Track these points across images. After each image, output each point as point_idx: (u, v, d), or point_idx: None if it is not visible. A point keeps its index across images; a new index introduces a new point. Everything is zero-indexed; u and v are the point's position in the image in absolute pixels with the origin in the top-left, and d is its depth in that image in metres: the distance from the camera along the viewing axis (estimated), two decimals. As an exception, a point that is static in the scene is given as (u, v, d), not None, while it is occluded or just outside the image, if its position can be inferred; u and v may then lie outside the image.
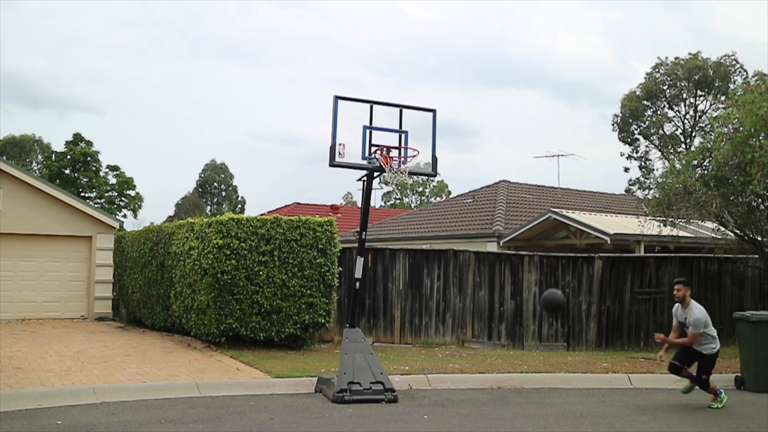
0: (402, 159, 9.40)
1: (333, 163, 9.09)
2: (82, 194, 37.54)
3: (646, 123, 42.82)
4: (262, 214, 16.15)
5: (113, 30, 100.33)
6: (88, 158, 38.77)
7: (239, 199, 76.63)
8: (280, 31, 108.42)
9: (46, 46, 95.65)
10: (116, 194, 41.14)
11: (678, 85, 41.39)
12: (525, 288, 14.92)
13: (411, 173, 9.58)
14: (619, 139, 43.81)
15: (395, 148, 9.42)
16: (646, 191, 38.08)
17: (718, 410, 8.93)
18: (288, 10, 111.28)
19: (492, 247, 20.03)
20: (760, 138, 12.16)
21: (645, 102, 42.38)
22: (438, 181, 67.82)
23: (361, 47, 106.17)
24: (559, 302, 9.53)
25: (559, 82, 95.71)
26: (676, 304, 9.32)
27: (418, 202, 68.27)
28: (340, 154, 9.07)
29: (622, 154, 44.34)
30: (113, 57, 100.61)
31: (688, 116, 42.56)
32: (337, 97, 9.12)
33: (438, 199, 64.18)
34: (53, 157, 40.61)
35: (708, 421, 8.34)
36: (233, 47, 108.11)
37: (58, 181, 36.17)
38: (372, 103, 9.42)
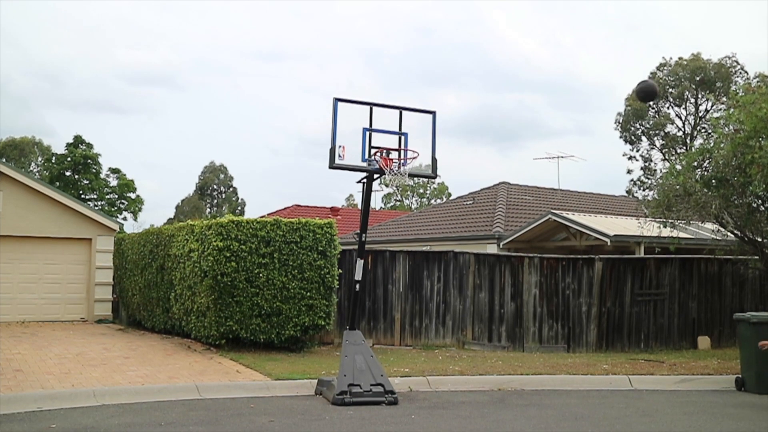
0: (402, 161, 9.39)
1: (333, 165, 9.09)
2: (83, 196, 37.60)
3: (650, 123, 42.87)
4: (262, 217, 16.12)
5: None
6: (89, 160, 38.84)
7: (239, 201, 76.62)
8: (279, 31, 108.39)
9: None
10: (117, 196, 41.23)
11: (681, 85, 41.50)
12: (525, 290, 14.91)
13: (411, 175, 9.58)
14: (621, 137, 43.83)
15: (395, 150, 9.42)
16: (647, 192, 38.03)
17: (719, 411, 8.93)
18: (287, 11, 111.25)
19: (492, 248, 20.02)
20: (761, 139, 12.16)
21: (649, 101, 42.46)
22: (438, 183, 67.78)
23: (361, 47, 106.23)
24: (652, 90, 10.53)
25: (559, 82, 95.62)
26: None
27: (419, 204, 68.27)
28: (339, 156, 9.07)
29: (624, 154, 44.35)
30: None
31: (690, 117, 42.65)
32: (337, 99, 9.12)
33: (438, 200, 64.16)
34: (53, 159, 40.68)
35: (709, 423, 8.32)
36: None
37: (58, 183, 36.24)
38: (372, 105, 9.42)
